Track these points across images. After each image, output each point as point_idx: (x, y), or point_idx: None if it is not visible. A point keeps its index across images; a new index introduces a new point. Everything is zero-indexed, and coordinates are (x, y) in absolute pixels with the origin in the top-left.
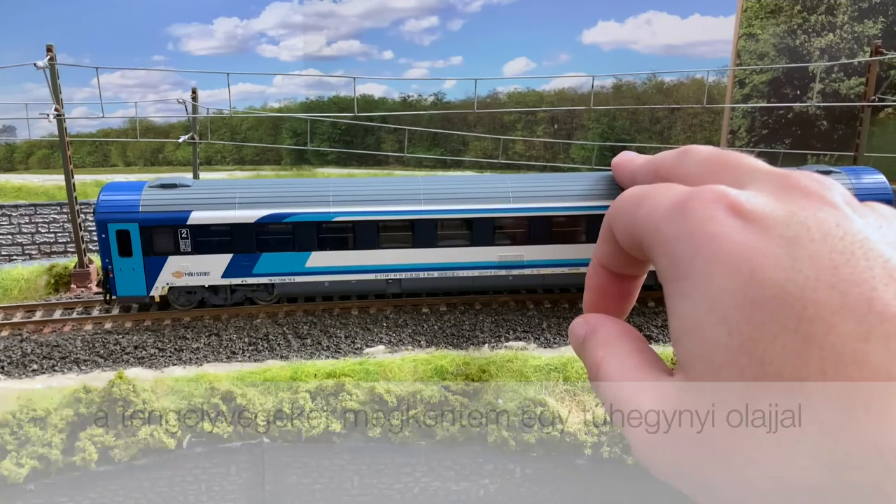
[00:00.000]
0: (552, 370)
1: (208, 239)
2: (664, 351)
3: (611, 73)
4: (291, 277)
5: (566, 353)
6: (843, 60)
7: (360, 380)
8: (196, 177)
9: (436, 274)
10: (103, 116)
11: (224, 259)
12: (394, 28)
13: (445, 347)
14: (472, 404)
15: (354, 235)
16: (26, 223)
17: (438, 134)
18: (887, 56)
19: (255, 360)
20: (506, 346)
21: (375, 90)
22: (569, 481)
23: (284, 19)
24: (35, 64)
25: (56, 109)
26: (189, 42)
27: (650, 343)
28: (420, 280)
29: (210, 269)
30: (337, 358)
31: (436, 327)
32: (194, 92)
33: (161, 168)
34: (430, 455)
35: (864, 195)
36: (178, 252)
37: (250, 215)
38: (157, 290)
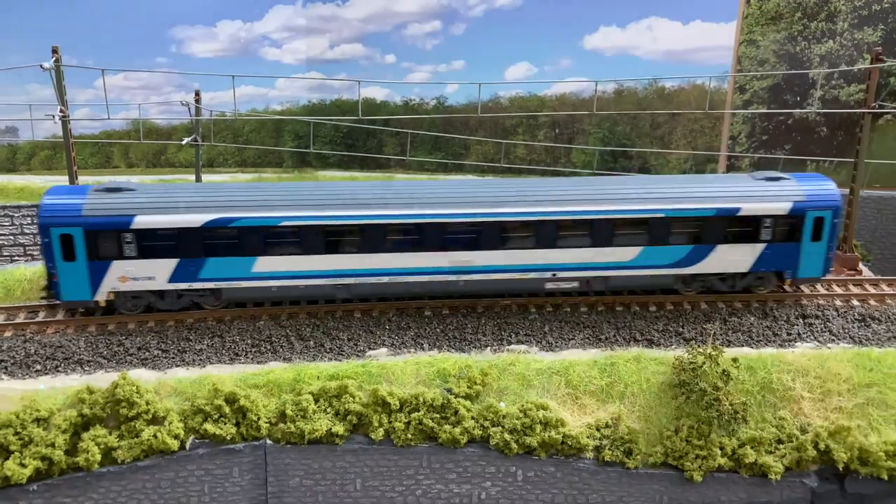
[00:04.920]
0: (554, 373)
1: (153, 243)
2: (664, 355)
3: (613, 79)
4: (238, 282)
5: (568, 356)
6: (844, 67)
7: (363, 382)
8: (198, 178)
9: (385, 279)
10: (108, 118)
11: (170, 264)
12: (396, 32)
13: (448, 350)
14: (475, 407)
15: (301, 240)
16: (28, 224)
17: (440, 137)
18: (887, 63)
19: (258, 362)
20: (508, 350)
21: (378, 94)
22: (570, 484)
23: (287, 22)
24: (41, 65)
25: (61, 111)
26: (192, 44)
27: (651, 346)
28: (369, 285)
29: (156, 273)
30: (340, 360)
31: (438, 330)
32: (197, 94)
33: (163, 169)
34: (432, 457)
35: (812, 202)
36: (122, 257)
37: (196, 219)
38: (102, 295)
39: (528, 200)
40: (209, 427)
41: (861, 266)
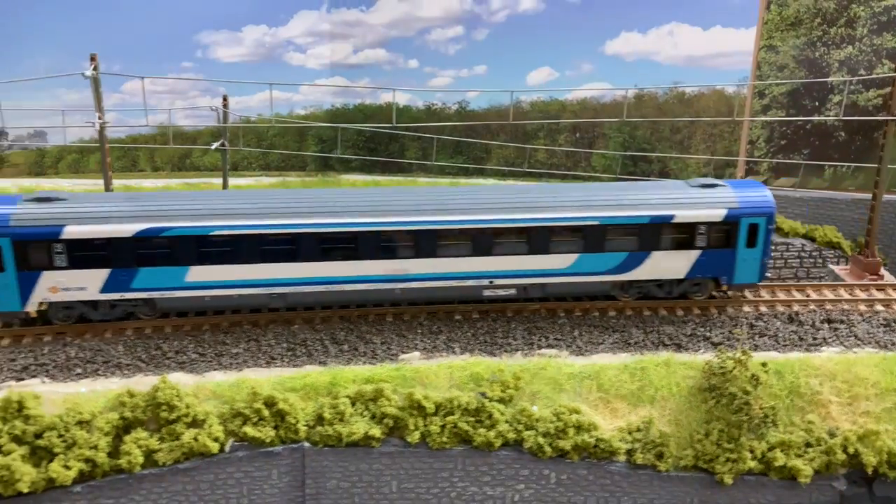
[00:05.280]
0: (585, 378)
1: (84, 253)
2: (693, 360)
3: (644, 86)
4: (171, 292)
5: (598, 360)
6: (864, 75)
7: (398, 386)
8: (225, 183)
9: (321, 288)
10: (147, 124)
11: (101, 274)
12: (419, 37)
13: (479, 354)
14: (508, 410)
15: (235, 250)
16: None
17: (461, 142)
18: None
19: (293, 366)
20: (538, 354)
21: (400, 98)
22: (602, 487)
23: (312, 28)
24: (83, 74)
25: (99, 117)
26: (218, 49)
27: (679, 351)
28: (305, 294)
29: (87, 284)
30: (374, 364)
31: (469, 334)
32: (225, 99)
33: (188, 174)
34: (466, 460)
35: (747, 209)
36: (53, 267)
37: (127, 229)
38: (33, 306)
39: (463, 208)
40: (249, 430)
41: (882, 271)
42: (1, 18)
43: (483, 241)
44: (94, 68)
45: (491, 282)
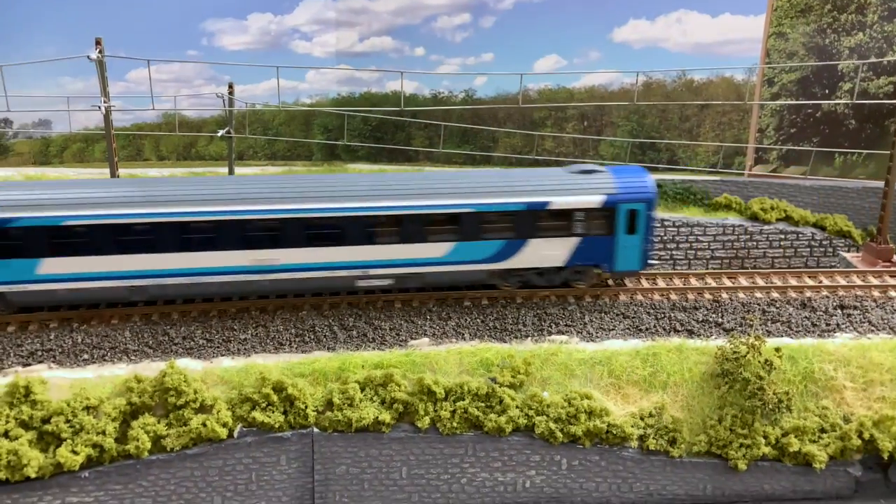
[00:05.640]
0: (596, 363)
1: None
2: (705, 345)
3: (655, 70)
4: (23, 286)
5: (609, 346)
6: (874, 59)
7: (407, 371)
8: (231, 171)
9: (184, 280)
10: (153, 108)
11: None
12: (426, 25)
13: (489, 340)
14: (519, 396)
15: (89, 241)
16: None
17: (468, 130)
18: None
19: (302, 352)
20: (549, 340)
21: (407, 87)
22: (615, 473)
23: (318, 15)
24: (88, 56)
25: (104, 101)
26: (223, 37)
27: (691, 336)
28: (167, 287)
29: None
30: (382, 350)
31: (479, 320)
32: (231, 87)
33: (193, 162)
34: (477, 446)
35: (625, 195)
36: None
37: None
38: None
39: (333, 196)
40: (257, 415)
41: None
42: (5, 5)
43: (355, 230)
44: (100, 52)
45: (365, 272)
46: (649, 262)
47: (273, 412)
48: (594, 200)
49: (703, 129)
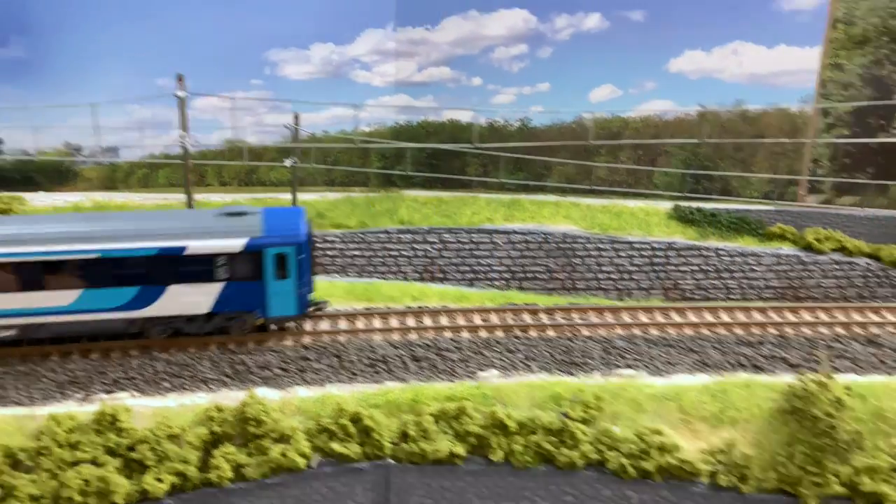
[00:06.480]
0: (666, 399)
1: None
2: (773, 382)
3: (709, 103)
4: None
5: (678, 381)
6: None
7: (479, 404)
8: (294, 200)
9: None
10: (232, 140)
11: None
12: (483, 55)
13: (557, 373)
14: (590, 431)
15: None
16: None
17: (521, 158)
18: None
19: (374, 382)
20: (617, 374)
21: (463, 116)
22: None
23: (378, 46)
24: (175, 94)
25: (183, 135)
26: (286, 67)
27: (757, 372)
28: None
29: None
30: (452, 381)
31: (546, 352)
32: (296, 117)
33: (255, 188)
34: (549, 480)
35: (272, 239)
36: None
37: None
38: None
39: None
40: (335, 446)
41: None
42: (79, 39)
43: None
44: (182, 89)
45: None
46: (317, 305)
47: (350, 443)
48: (236, 244)
49: (758, 159)
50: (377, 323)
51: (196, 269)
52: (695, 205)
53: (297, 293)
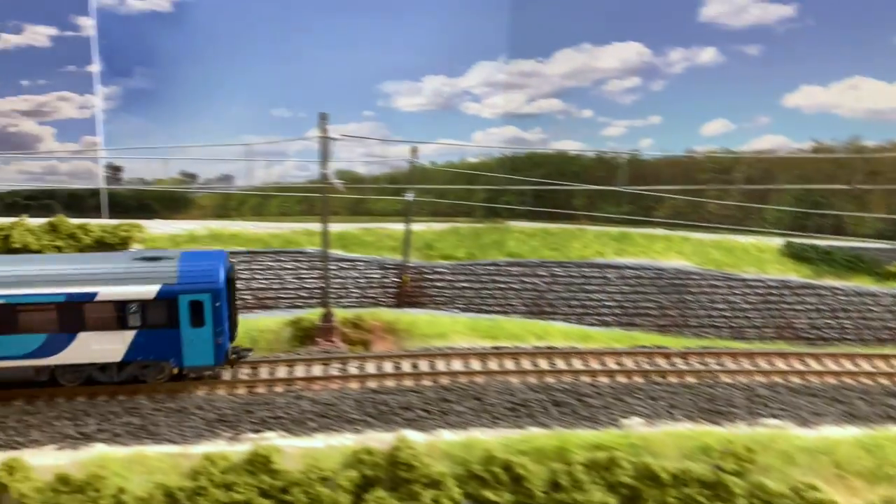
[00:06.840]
0: (818, 452)
1: None
2: None
3: (825, 139)
4: None
5: (829, 434)
6: None
7: (628, 454)
8: (408, 227)
9: None
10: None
11: None
12: (595, 87)
13: (701, 421)
14: (743, 484)
15: None
16: (260, 269)
17: (627, 192)
18: None
19: (517, 426)
20: (763, 424)
21: (570, 146)
22: None
23: (489, 78)
24: (332, 137)
25: (323, 170)
26: (398, 99)
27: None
28: None
29: None
30: (596, 428)
31: (689, 400)
32: (414, 150)
33: (362, 217)
34: None
35: (186, 285)
36: None
37: None
38: None
39: None
40: (488, 494)
41: None
42: (199, 71)
43: None
44: (324, 129)
45: None
46: (239, 353)
47: (501, 491)
48: (148, 291)
49: (874, 196)
50: (510, 364)
51: (107, 315)
52: (808, 241)
53: (214, 342)
